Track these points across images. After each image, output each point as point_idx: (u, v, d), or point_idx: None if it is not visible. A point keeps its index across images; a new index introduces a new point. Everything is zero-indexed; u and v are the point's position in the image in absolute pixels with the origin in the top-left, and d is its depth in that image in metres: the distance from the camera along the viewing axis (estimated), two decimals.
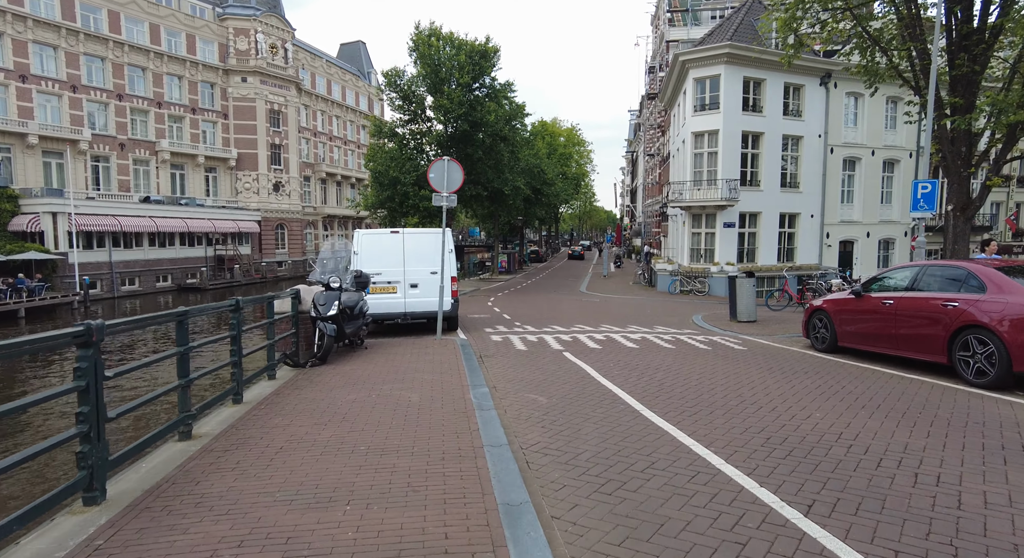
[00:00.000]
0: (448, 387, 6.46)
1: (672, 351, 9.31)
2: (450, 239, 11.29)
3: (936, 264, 7.68)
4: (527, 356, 8.83)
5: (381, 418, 5.21)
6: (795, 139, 27.95)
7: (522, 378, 7.19)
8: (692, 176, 27.24)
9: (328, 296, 8.23)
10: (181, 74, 46.22)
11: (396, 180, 23.91)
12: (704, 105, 26.83)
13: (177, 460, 4.15)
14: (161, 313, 4.51)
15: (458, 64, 23.62)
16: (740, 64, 25.95)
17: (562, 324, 13.31)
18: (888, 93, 29.87)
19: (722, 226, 26.77)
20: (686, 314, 16.30)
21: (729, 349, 9.56)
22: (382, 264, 10.91)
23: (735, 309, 13.49)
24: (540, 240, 72.32)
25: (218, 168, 50.55)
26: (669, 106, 36.18)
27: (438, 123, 25.65)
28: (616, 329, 12.30)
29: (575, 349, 9.45)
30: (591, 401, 5.96)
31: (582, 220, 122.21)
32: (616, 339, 10.61)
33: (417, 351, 9.03)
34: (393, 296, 10.98)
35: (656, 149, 45.20)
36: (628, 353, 9.07)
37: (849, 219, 30.02)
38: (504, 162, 26.19)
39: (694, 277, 26.69)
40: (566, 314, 16.07)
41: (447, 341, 9.96)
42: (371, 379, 6.98)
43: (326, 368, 7.80)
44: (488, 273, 39.26)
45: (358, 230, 11.27)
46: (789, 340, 10.78)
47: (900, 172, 30.93)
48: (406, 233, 11.29)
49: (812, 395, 6.16)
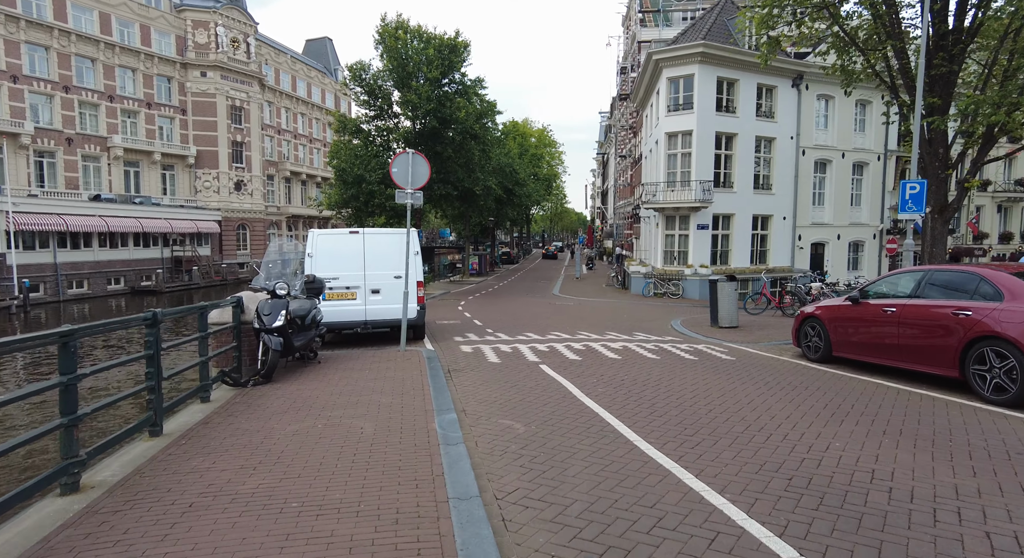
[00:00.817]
0: (410, 412, 5.57)
1: (657, 363, 8.58)
2: (416, 240, 10.38)
3: (943, 269, 7.11)
4: (501, 370, 7.98)
5: (325, 457, 4.29)
6: (768, 141, 27.80)
7: (496, 398, 6.34)
8: (666, 177, 26.81)
9: (274, 305, 7.24)
10: (135, 67, 43.98)
11: (361, 178, 22.76)
12: (678, 105, 26.44)
13: (45, 528, 3.17)
14: (33, 335, 3.51)
15: (426, 58, 22.62)
16: (714, 64, 25.63)
17: (537, 331, 12.51)
18: (858, 96, 30.04)
19: (696, 228, 26.41)
20: (664, 319, 15.70)
21: (717, 360, 8.89)
22: (340, 268, 9.92)
23: (716, 314, 12.90)
24: (512, 242, 71.57)
25: (176, 166, 48.37)
26: (641, 107, 35.83)
27: (406, 119, 24.59)
28: (595, 336, 11.55)
29: (553, 361, 8.64)
30: (576, 428, 5.15)
31: (553, 222, 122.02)
32: (596, 349, 9.85)
33: (378, 366, 8.08)
34: (352, 303, 9.99)
35: (628, 150, 44.90)
36: (610, 365, 8.31)
37: (820, 221, 30.05)
38: (475, 161, 25.27)
39: (668, 279, 26.25)
40: (541, 319, 15.28)
41: (412, 353, 9.04)
42: (320, 402, 6.03)
43: (270, 388, 6.81)
44: (459, 275, 38.29)
45: (312, 230, 10.24)
46: (777, 348, 10.19)
47: (869, 175, 31.15)
48: (367, 233, 10.31)
49: (822, 418, 5.47)
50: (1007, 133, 14.96)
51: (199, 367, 6.23)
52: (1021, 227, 38.80)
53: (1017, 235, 38.39)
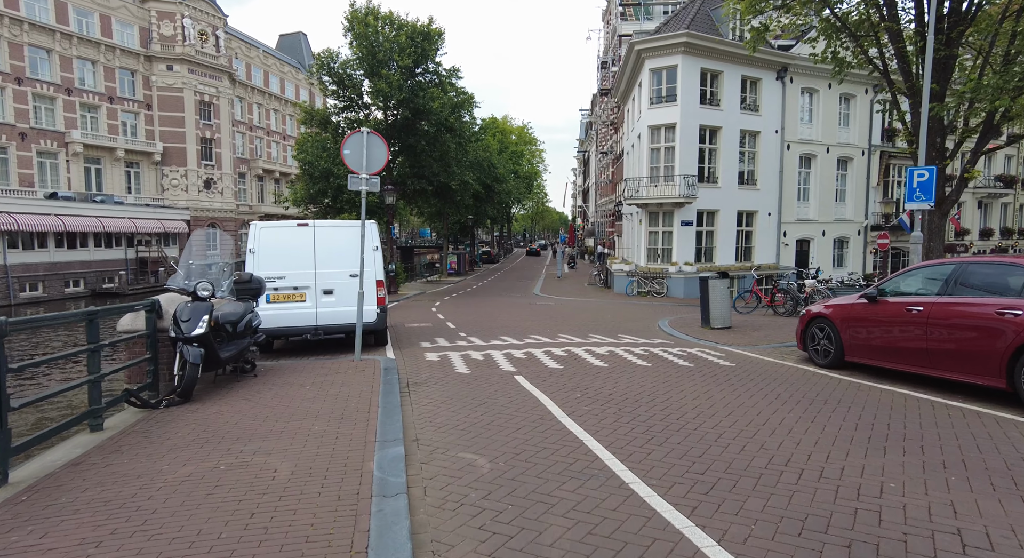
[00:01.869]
0: (345, 445, 4.40)
1: (649, 371, 7.51)
2: (375, 233, 9.18)
3: (980, 262, 6.14)
4: (469, 383, 6.84)
5: (209, 522, 3.11)
6: (752, 134, 27.07)
7: (458, 421, 5.21)
8: (648, 172, 25.91)
9: (195, 309, 6.01)
10: (95, 58, 41.93)
11: (329, 172, 21.37)
12: (661, 97, 25.55)
13: None
14: None
15: (398, 46, 21.30)
16: (698, 54, 24.78)
17: (514, 334, 11.39)
18: (842, 90, 29.50)
19: (680, 224, 25.55)
20: (650, 319, 14.69)
21: (715, 366, 7.85)
22: (287, 265, 8.68)
23: (708, 314, 11.90)
24: (492, 241, 70.38)
25: (141, 163, 46.39)
26: (623, 101, 34.96)
27: (376, 110, 23.26)
28: (577, 340, 10.47)
29: (530, 370, 7.52)
30: (556, 464, 4.04)
31: (535, 221, 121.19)
32: (579, 354, 8.76)
33: (323, 380, 6.88)
34: (301, 306, 8.75)
35: (609, 147, 44.05)
36: (596, 375, 7.22)
37: (805, 217, 29.44)
38: (451, 154, 24.02)
39: (652, 278, 25.34)
40: (519, 321, 14.17)
41: (368, 363, 7.84)
42: (237, 430, 4.83)
43: (185, 410, 5.59)
44: (437, 275, 37.01)
45: (255, 222, 8.98)
46: (779, 352, 9.20)
47: (853, 170, 30.64)
48: (318, 226, 8.99)
49: (858, 444, 4.44)
50: (1010, 119, 14.24)
51: (89, 387, 4.99)
52: (1001, 223, 38.76)
53: (998, 231, 38.33)
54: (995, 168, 37.49)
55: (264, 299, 8.55)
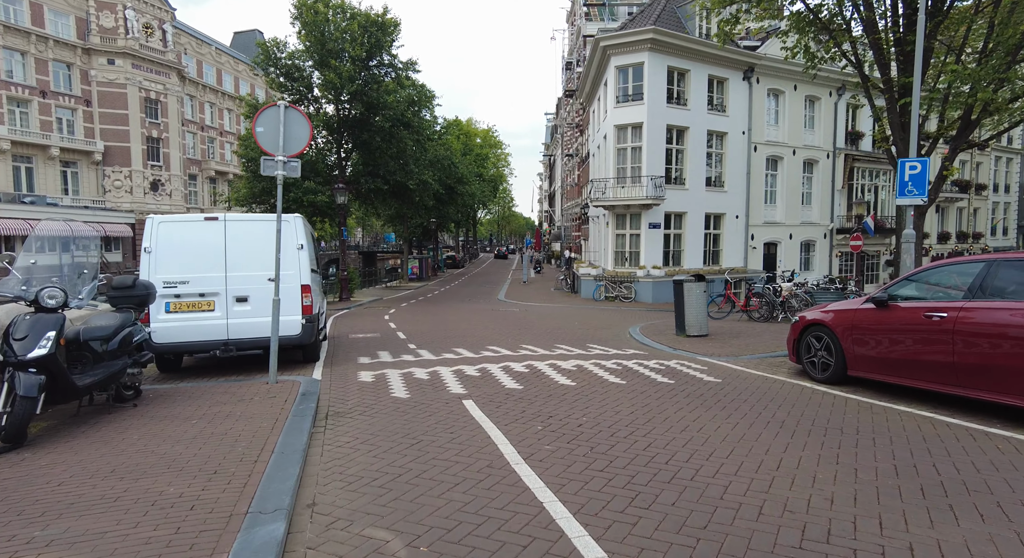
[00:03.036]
0: (198, 520, 3.04)
1: (624, 390, 6.34)
2: (301, 229, 7.75)
3: (1017, 259, 5.15)
4: (404, 413, 5.51)
5: None
6: (719, 135, 26.48)
7: (377, 473, 3.90)
8: (615, 173, 25.02)
9: (36, 323, 4.54)
10: (24, 49, 38.99)
11: None
12: (627, 96, 24.71)
13: None
14: None
15: (350, 35, 19.76)
16: (664, 52, 24.03)
17: (471, 345, 10.10)
18: (807, 92, 29.28)
19: (647, 227, 24.70)
20: (620, 326, 13.61)
21: (700, 383, 6.73)
22: (192, 267, 7.20)
23: (683, 321, 10.85)
24: (458, 245, 68.88)
25: (80, 162, 43.39)
26: (588, 102, 34.17)
27: (327, 103, 21.65)
28: (541, 351, 9.25)
29: (483, 392, 6.25)
30: (507, 547, 2.78)
31: (501, 225, 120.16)
32: (542, 370, 7.53)
33: (219, 410, 5.45)
34: (208, 317, 7.25)
35: (575, 149, 43.27)
36: (562, 398, 5.99)
37: (773, 220, 29.00)
38: (408, 152, 22.59)
39: (620, 282, 24.40)
40: (479, 330, 12.88)
41: (284, 387, 6.42)
42: (52, 498, 3.41)
43: (2, 462, 4.12)
44: (396, 280, 35.38)
45: (152, 216, 7.46)
46: (767, 363, 8.15)
47: (819, 173, 30.43)
48: (231, 221, 7.48)
49: (914, 502, 3.31)
50: (990, 113, 13.74)
51: None
52: (957, 227, 39.41)
53: (954, 235, 38.95)
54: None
55: (162, 308, 7.04)
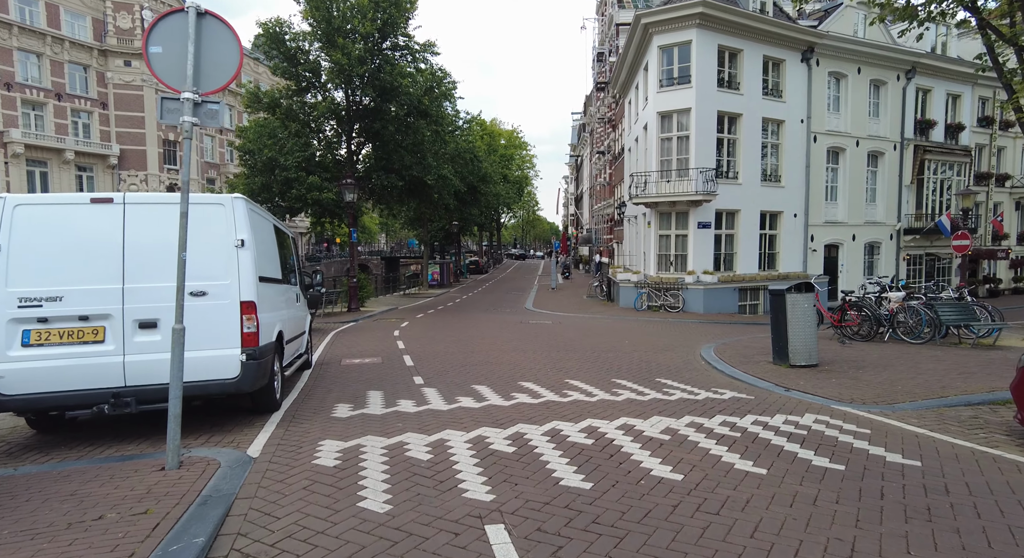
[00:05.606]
0: None
1: (770, 486, 3.71)
2: (243, 217, 5.22)
3: None
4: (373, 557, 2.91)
5: None
6: (776, 124, 23.48)
7: None
8: (658, 166, 22.23)
9: None
10: (40, 51, 37.93)
11: (274, 162, 17.38)
12: (672, 79, 21.91)
13: None
14: None
15: (358, 7, 17.39)
16: (714, 28, 21.20)
17: (498, 381, 7.49)
18: (871, 76, 26.07)
19: (696, 226, 21.81)
20: (685, 346, 10.86)
21: (889, 469, 4.03)
22: (67, 275, 4.72)
23: (785, 346, 8.06)
24: (481, 250, 66.46)
25: (95, 167, 42.24)
26: (623, 93, 31.42)
27: (336, 90, 19.34)
28: (598, 393, 6.60)
29: (524, 502, 3.63)
30: None
31: (525, 230, 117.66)
32: (614, 439, 4.85)
33: (20, 539, 2.94)
34: (93, 352, 4.72)
35: (607, 146, 40.48)
36: (672, 516, 3.34)
37: (834, 220, 25.81)
38: (426, 145, 20.16)
39: (666, 289, 21.54)
40: (507, 352, 10.27)
41: (182, 480, 3.86)
42: None
43: None
44: (416, 287, 33.03)
45: (5, 195, 4.92)
46: (953, 419, 5.37)
47: (884, 167, 27.09)
48: (133, 204, 5.03)
49: None
50: None
51: None
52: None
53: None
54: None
55: (17, 339, 4.58)
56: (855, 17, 25.80)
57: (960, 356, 9.02)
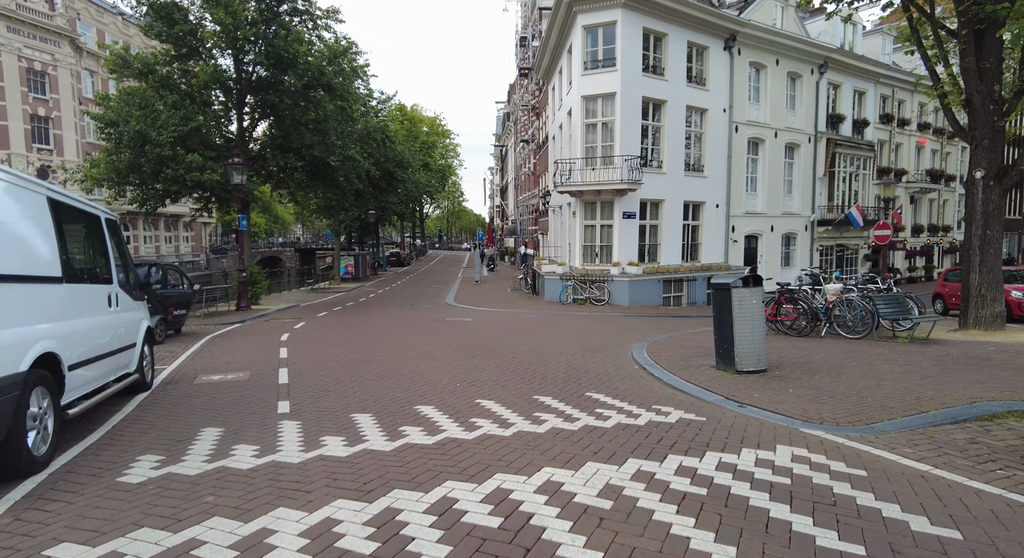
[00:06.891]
0: None
1: None
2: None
3: None
4: None
5: None
6: (700, 112, 23.08)
7: None
8: (583, 153, 21.19)
9: None
10: None
11: (143, 136, 14.59)
12: (596, 61, 20.88)
13: None
14: None
15: None
16: (640, 10, 20.33)
17: (390, 404, 5.89)
18: (788, 68, 26.30)
19: (621, 217, 20.98)
20: (616, 346, 9.68)
21: (933, 552, 2.76)
22: None
23: (730, 348, 6.94)
24: (403, 242, 63.74)
25: None
26: (547, 79, 30.26)
27: (221, 55, 16.70)
28: (514, 419, 5.20)
29: None
30: None
31: (450, 221, 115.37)
32: (536, 522, 3.38)
33: None
34: None
35: (531, 134, 39.31)
36: None
37: (754, 211, 25.89)
38: (329, 122, 17.89)
39: (591, 282, 20.58)
40: (413, 359, 8.66)
41: None
42: None
43: None
44: (327, 281, 30.46)
45: None
46: (947, 446, 4.33)
47: (800, 159, 27.54)
48: None
49: None
50: None
51: None
52: (929, 219, 37.69)
53: (926, 227, 37.19)
54: (923, 162, 36.21)
55: None
56: (774, 10, 25.86)
57: (906, 354, 8.36)
